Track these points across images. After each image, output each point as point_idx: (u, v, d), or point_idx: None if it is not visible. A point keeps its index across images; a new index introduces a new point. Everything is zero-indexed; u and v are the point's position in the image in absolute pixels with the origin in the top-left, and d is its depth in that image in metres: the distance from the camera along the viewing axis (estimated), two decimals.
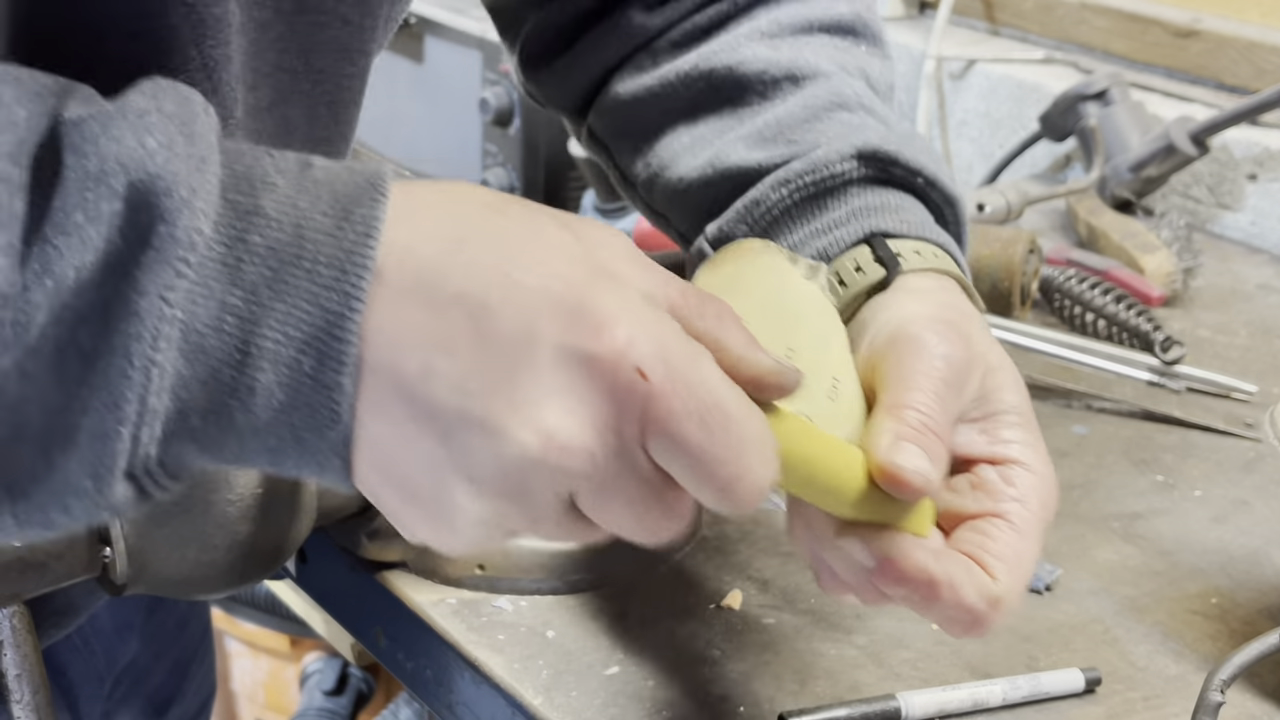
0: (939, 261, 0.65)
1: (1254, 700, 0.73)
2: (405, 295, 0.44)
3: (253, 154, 0.45)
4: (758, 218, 0.70)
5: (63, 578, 0.66)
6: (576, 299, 0.45)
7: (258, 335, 0.43)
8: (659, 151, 0.75)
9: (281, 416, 0.44)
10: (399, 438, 0.45)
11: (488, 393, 0.44)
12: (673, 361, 0.45)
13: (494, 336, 0.44)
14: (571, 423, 0.45)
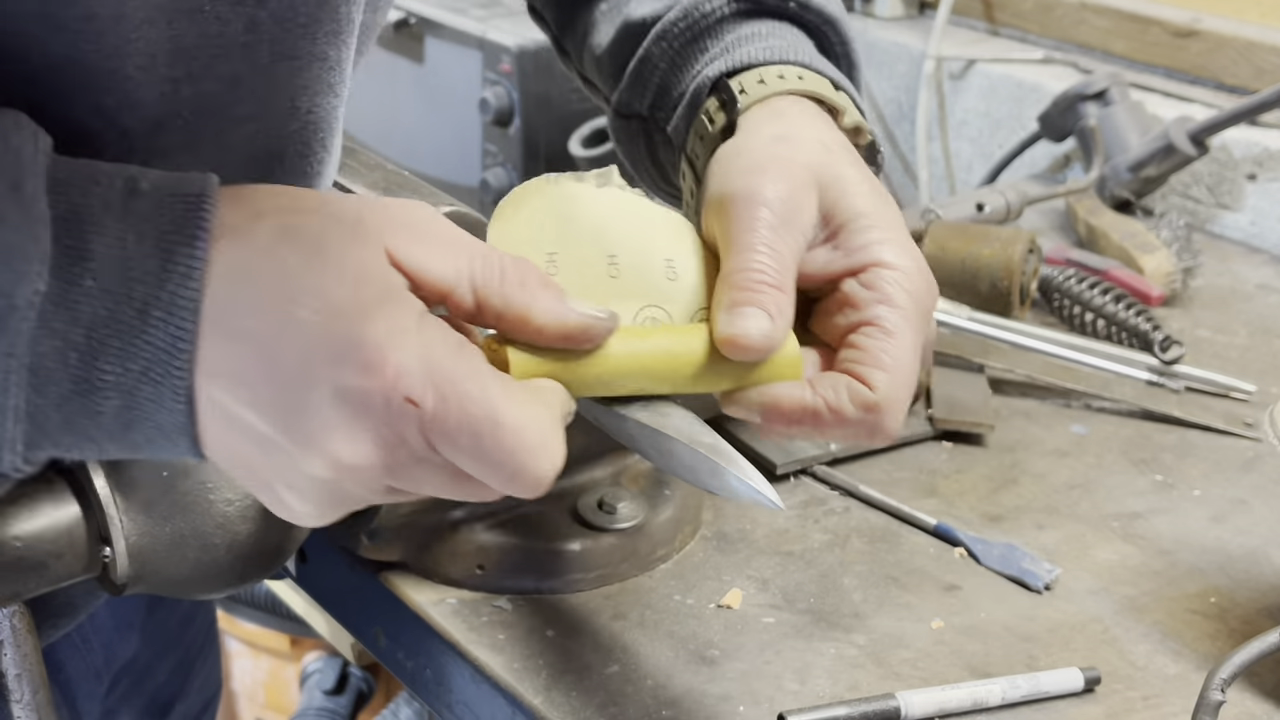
0: (797, 84, 0.66)
1: (1254, 699, 0.73)
2: (208, 327, 0.48)
3: (81, 188, 0.48)
4: (646, 77, 0.72)
5: (63, 578, 0.66)
6: (347, 336, 0.48)
7: (99, 370, 0.48)
8: (583, 20, 0.78)
9: (131, 432, 0.49)
10: (229, 445, 0.50)
11: (281, 424, 0.49)
12: (442, 385, 0.49)
13: (278, 373, 0.48)
14: (357, 449, 0.49)
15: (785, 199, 0.59)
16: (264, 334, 0.48)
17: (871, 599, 0.80)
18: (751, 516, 0.87)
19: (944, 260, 1.14)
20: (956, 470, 0.94)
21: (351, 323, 0.48)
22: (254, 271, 0.48)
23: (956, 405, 0.98)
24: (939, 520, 0.86)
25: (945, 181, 1.65)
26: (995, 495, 0.91)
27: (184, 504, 0.66)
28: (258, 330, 0.48)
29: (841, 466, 0.92)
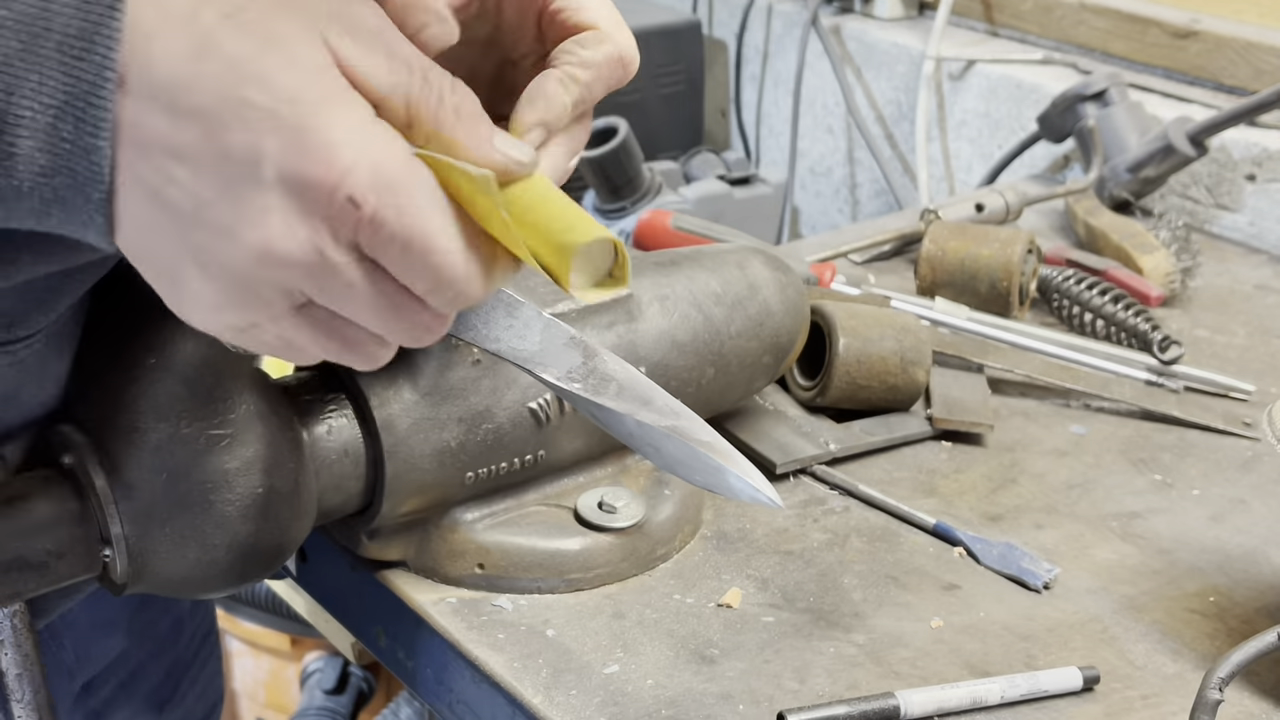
0: None
1: (1252, 698, 0.73)
2: (147, 101, 0.47)
3: None
4: None
5: (63, 577, 0.66)
6: (301, 123, 0.47)
7: (14, 105, 0.46)
8: None
9: (44, 180, 0.47)
10: (146, 220, 0.48)
11: (216, 202, 0.48)
12: (385, 192, 0.48)
13: (224, 152, 0.47)
14: (289, 238, 0.48)
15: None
16: (213, 113, 0.47)
17: (871, 598, 0.80)
18: (751, 516, 0.87)
19: (944, 260, 1.14)
20: (956, 470, 0.94)
21: (304, 112, 0.47)
22: (202, 53, 0.47)
23: (956, 405, 0.98)
24: (938, 520, 0.86)
25: (945, 182, 1.65)
26: (994, 495, 0.91)
27: (184, 504, 0.66)
28: (206, 108, 0.47)
29: (841, 466, 0.92)
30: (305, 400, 0.73)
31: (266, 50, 0.48)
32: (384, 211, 0.48)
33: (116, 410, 0.65)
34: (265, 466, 0.68)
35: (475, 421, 0.75)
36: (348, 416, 0.73)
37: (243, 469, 0.67)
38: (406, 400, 0.73)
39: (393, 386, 0.73)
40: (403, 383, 0.73)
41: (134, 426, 0.65)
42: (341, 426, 0.73)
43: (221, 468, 0.66)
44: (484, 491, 0.78)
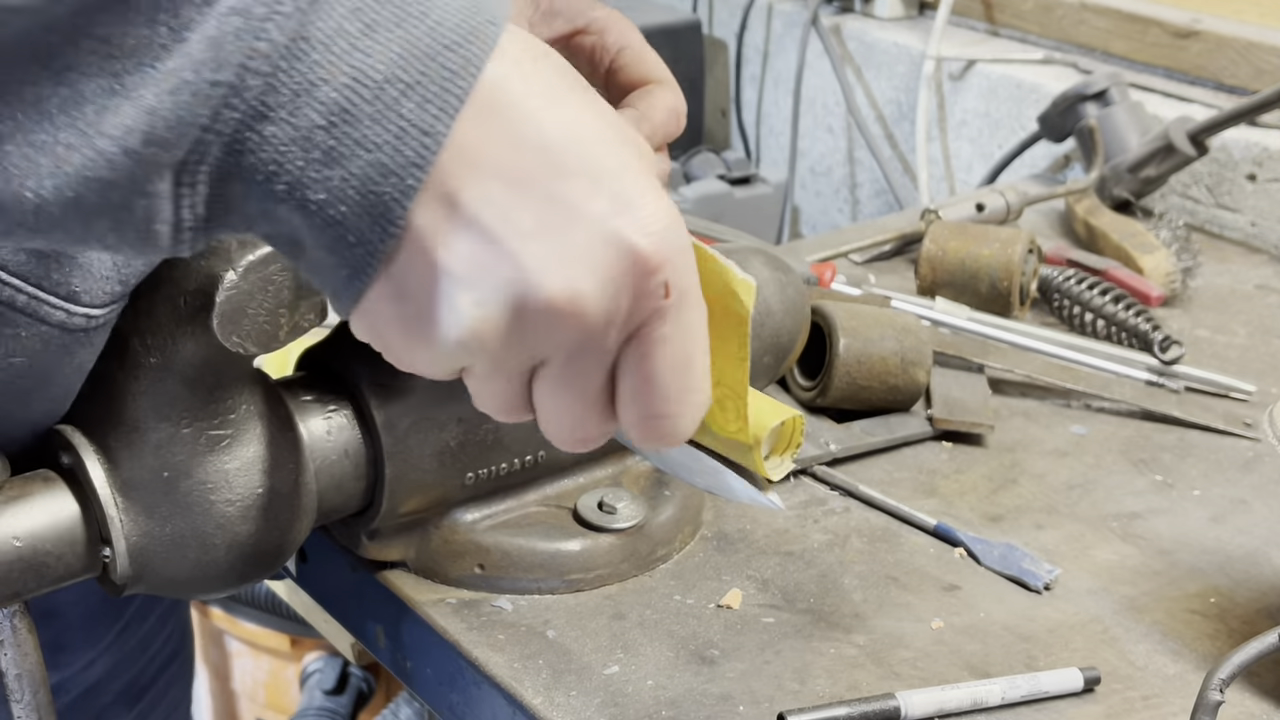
0: None
1: (1253, 699, 0.73)
2: (492, 118, 0.46)
3: None
4: None
5: (63, 578, 0.66)
6: (642, 195, 0.47)
7: (367, 68, 0.44)
8: None
9: (362, 151, 0.44)
10: (433, 233, 0.46)
11: (538, 234, 0.46)
12: (687, 300, 0.49)
13: (564, 193, 0.46)
14: (598, 292, 0.47)
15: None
16: (557, 151, 0.47)
17: (871, 599, 0.80)
18: (751, 516, 0.87)
19: (944, 260, 1.14)
20: (956, 470, 0.94)
21: (649, 189, 0.48)
22: (561, 98, 0.47)
23: (956, 405, 0.98)
24: (939, 520, 0.86)
25: (945, 181, 1.65)
26: (995, 495, 0.91)
27: (184, 504, 0.66)
28: (553, 144, 0.46)
29: (841, 466, 0.92)
30: (305, 400, 0.72)
31: (608, 120, 0.49)
32: (679, 315, 0.48)
33: (116, 410, 0.65)
34: (265, 467, 0.68)
35: (475, 421, 0.75)
36: (348, 416, 0.73)
37: (243, 469, 0.67)
38: (407, 400, 0.73)
39: (393, 386, 0.73)
40: (403, 383, 0.73)
41: (134, 426, 0.65)
42: (341, 427, 0.72)
43: (221, 468, 0.66)
44: (484, 492, 0.78)
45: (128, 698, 0.92)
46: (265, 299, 0.65)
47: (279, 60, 0.43)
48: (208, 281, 0.65)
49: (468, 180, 0.46)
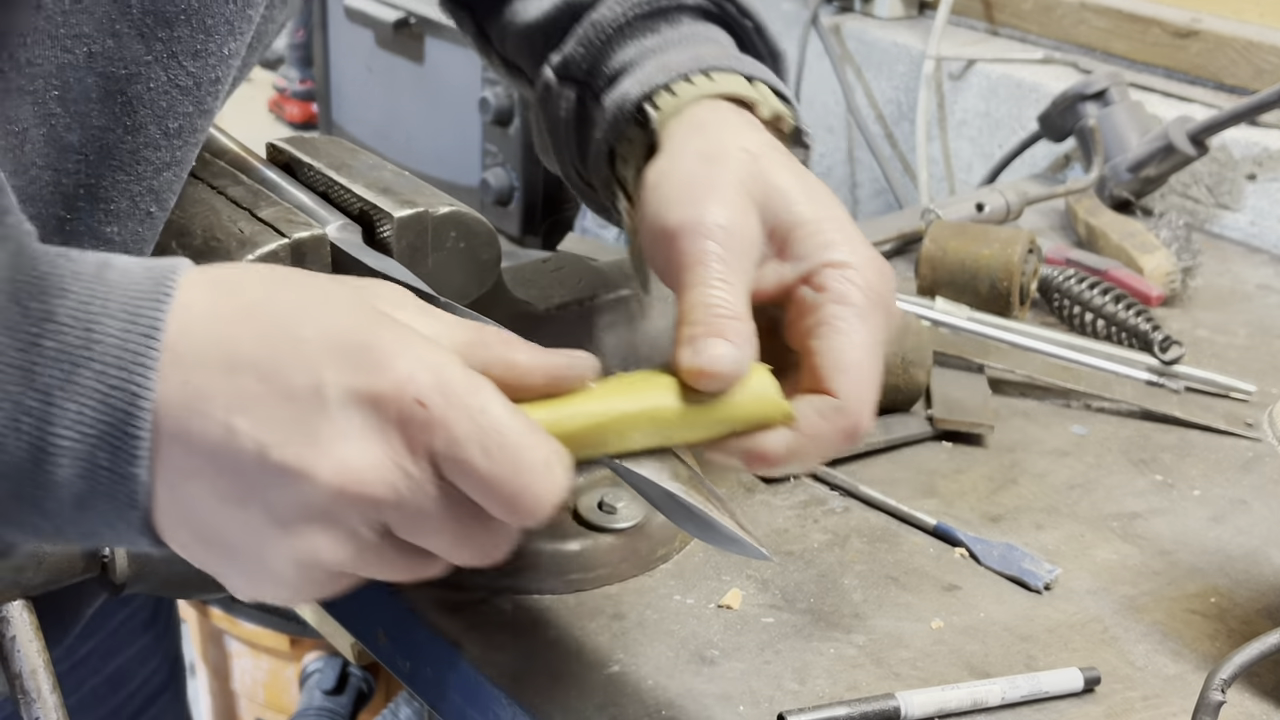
0: (709, 87, 0.66)
1: (1253, 699, 0.73)
2: (201, 365, 0.47)
3: (50, 260, 0.48)
4: (593, 38, 0.71)
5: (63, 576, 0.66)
6: (356, 341, 0.48)
7: (53, 434, 0.46)
8: (514, 6, 0.78)
9: (85, 504, 0.47)
10: (207, 497, 0.48)
11: (286, 441, 0.47)
12: (451, 391, 0.48)
13: (286, 390, 0.47)
14: (367, 457, 0.47)
15: (727, 225, 0.59)
16: (268, 358, 0.47)
17: (871, 599, 0.80)
18: (751, 517, 0.87)
19: (944, 260, 1.14)
20: (956, 470, 0.94)
21: (361, 332, 0.48)
22: (251, 312, 0.48)
23: (956, 405, 0.98)
24: (939, 520, 0.86)
25: (945, 181, 1.65)
26: (995, 495, 0.91)
27: None
28: (261, 356, 0.47)
29: (841, 466, 0.92)
30: None
31: (315, 299, 0.49)
32: (452, 411, 0.48)
33: None
34: None
35: None
36: None
37: None
38: None
39: None
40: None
41: None
42: None
43: None
44: None
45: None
46: None
47: None
48: None
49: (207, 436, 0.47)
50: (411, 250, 0.69)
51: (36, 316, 0.46)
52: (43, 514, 0.48)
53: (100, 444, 0.46)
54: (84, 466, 0.47)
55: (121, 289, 0.47)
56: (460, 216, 0.70)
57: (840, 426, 0.58)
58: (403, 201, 0.69)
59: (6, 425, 0.46)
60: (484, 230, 0.71)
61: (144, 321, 0.47)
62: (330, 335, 0.48)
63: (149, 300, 0.47)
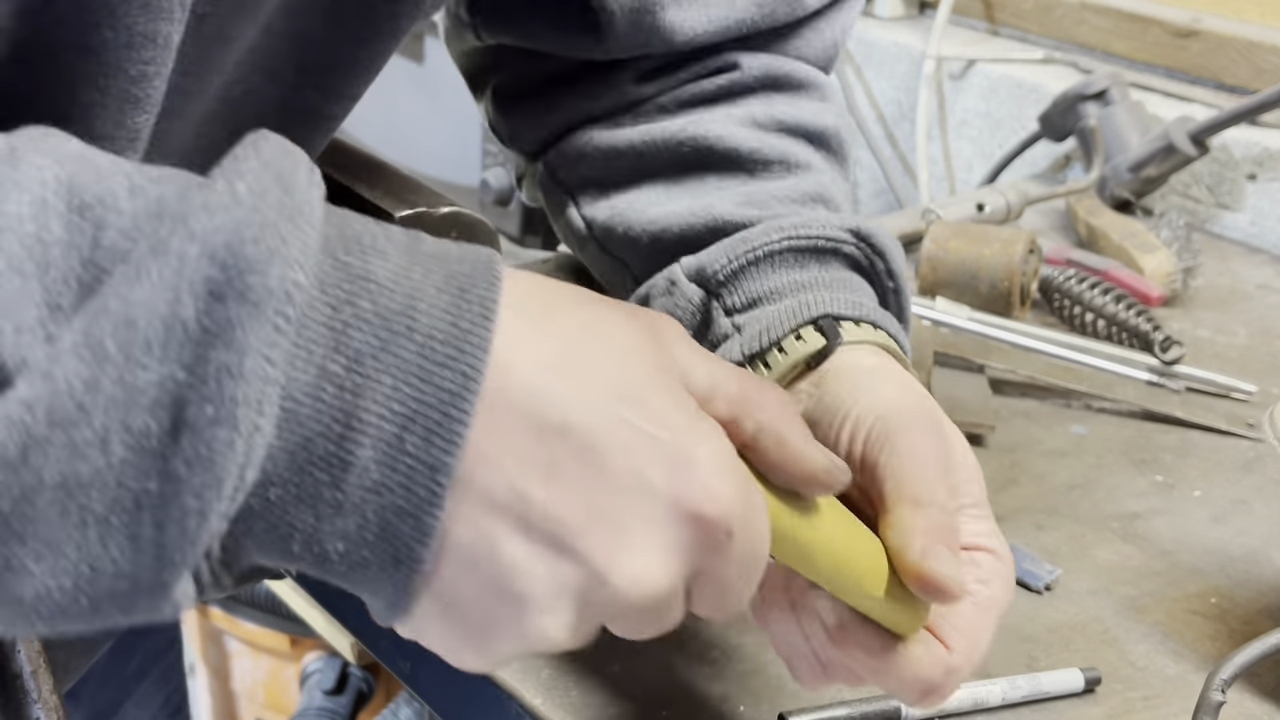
0: (872, 335, 0.66)
1: (1253, 700, 0.73)
2: (505, 414, 0.42)
3: (362, 221, 0.43)
4: (741, 253, 0.69)
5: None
6: (684, 454, 0.44)
7: (360, 408, 0.40)
8: (630, 199, 0.74)
9: (373, 496, 0.41)
10: (471, 557, 0.43)
11: (588, 529, 0.43)
12: (748, 518, 0.46)
13: (603, 476, 0.43)
14: (661, 569, 0.45)
15: (948, 463, 0.60)
16: (587, 433, 0.43)
17: None
18: None
19: (944, 260, 1.14)
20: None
21: (686, 442, 0.45)
22: (565, 362, 0.43)
23: (956, 405, 0.98)
24: None
25: (945, 181, 1.65)
26: (995, 495, 0.90)
27: None
28: (578, 426, 0.43)
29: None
30: None
31: (628, 358, 0.45)
32: (744, 539, 0.46)
33: None
34: None
35: None
36: None
37: None
38: None
39: None
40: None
41: None
42: None
43: None
44: None
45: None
46: None
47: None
48: None
49: (498, 485, 0.42)
50: None
51: (354, 273, 0.41)
52: (314, 507, 0.41)
53: (412, 424, 0.41)
54: (388, 450, 0.41)
55: (443, 261, 0.42)
56: (460, 216, 0.70)
57: (933, 679, 0.58)
58: (403, 201, 0.69)
59: (308, 392, 0.40)
60: (484, 230, 0.71)
61: (475, 300, 0.42)
62: (658, 433, 0.44)
63: (483, 280, 0.42)
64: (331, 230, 0.41)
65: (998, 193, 1.32)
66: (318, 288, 0.40)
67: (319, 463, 0.41)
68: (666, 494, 0.44)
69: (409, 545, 0.42)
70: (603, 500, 0.43)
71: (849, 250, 0.69)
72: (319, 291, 0.40)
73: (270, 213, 0.39)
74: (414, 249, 0.43)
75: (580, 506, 0.43)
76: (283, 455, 0.40)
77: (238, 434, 0.38)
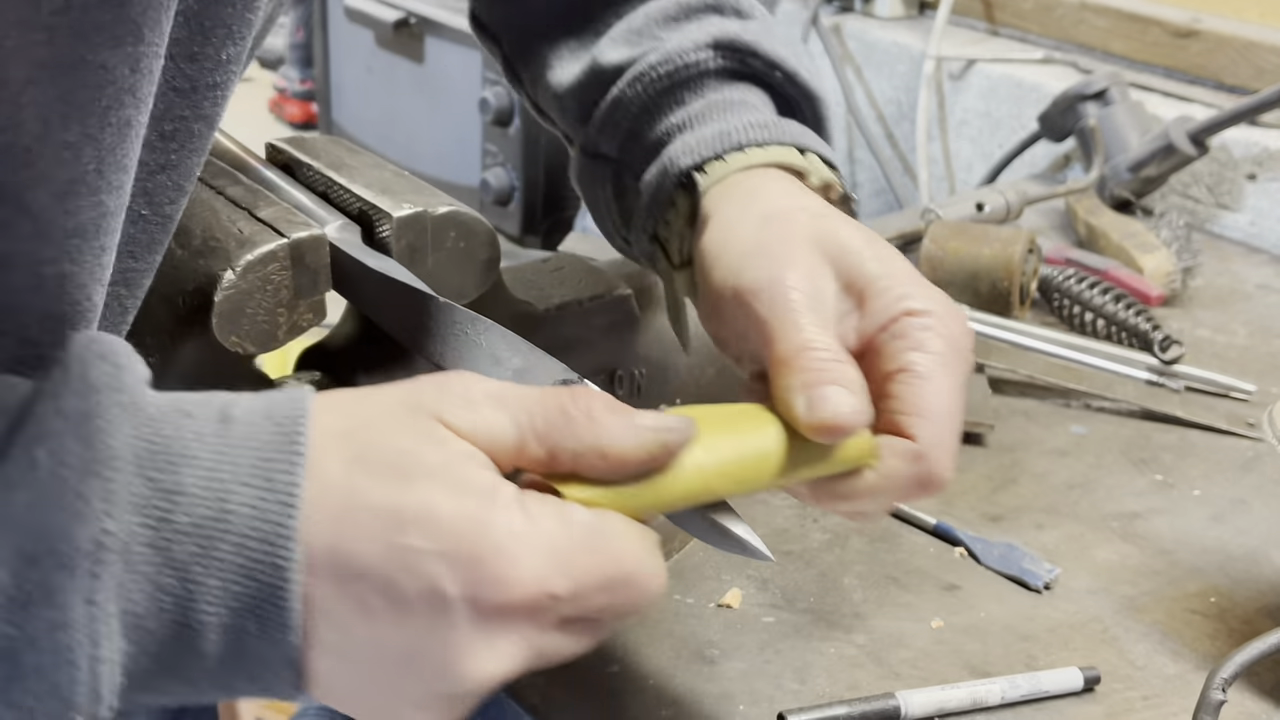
0: (760, 156, 0.66)
1: (1253, 699, 0.73)
2: (319, 578, 0.45)
3: (173, 421, 0.46)
4: (619, 120, 0.71)
5: None
6: (471, 553, 0.46)
7: (196, 611, 0.45)
8: (543, 52, 0.77)
9: (232, 665, 0.46)
10: (345, 679, 0.47)
11: (417, 653, 0.46)
12: (575, 565, 0.47)
13: (406, 605, 0.45)
14: (505, 658, 0.47)
15: (807, 281, 0.59)
16: (380, 570, 0.45)
17: (871, 599, 0.80)
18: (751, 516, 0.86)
19: (944, 260, 1.14)
20: (956, 470, 0.93)
21: (472, 538, 0.46)
22: (349, 509, 0.46)
23: None
24: (939, 520, 0.86)
25: (945, 181, 1.65)
26: (995, 495, 0.91)
27: None
28: (372, 568, 0.45)
29: None
30: None
31: (407, 484, 0.46)
32: (582, 582, 0.47)
33: None
34: None
35: None
36: None
37: None
38: None
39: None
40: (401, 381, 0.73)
41: None
42: None
43: None
44: None
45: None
46: (264, 298, 0.65)
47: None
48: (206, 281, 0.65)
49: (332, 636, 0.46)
50: (411, 250, 0.69)
51: (165, 489, 0.45)
52: (188, 682, 0.47)
53: (248, 616, 0.45)
54: (232, 638, 0.45)
55: (250, 450, 0.46)
56: (460, 216, 0.70)
57: (918, 472, 0.57)
58: (402, 201, 0.69)
59: (147, 605, 0.44)
60: (484, 230, 0.71)
61: (280, 488, 0.45)
62: (440, 545, 0.46)
63: (283, 463, 0.45)
64: (142, 446, 0.45)
65: (997, 192, 1.32)
66: (135, 513, 0.44)
67: (175, 658, 0.45)
68: (464, 601, 0.45)
69: (279, 683, 0.47)
70: (418, 624, 0.46)
71: (715, 66, 0.69)
72: (137, 517, 0.44)
73: (71, 477, 0.43)
74: (224, 438, 0.46)
75: (403, 636, 0.46)
76: (142, 657, 0.45)
77: (77, 669, 0.44)
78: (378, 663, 0.47)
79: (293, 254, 0.66)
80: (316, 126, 1.97)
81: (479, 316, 0.61)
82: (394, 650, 0.46)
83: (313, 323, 0.67)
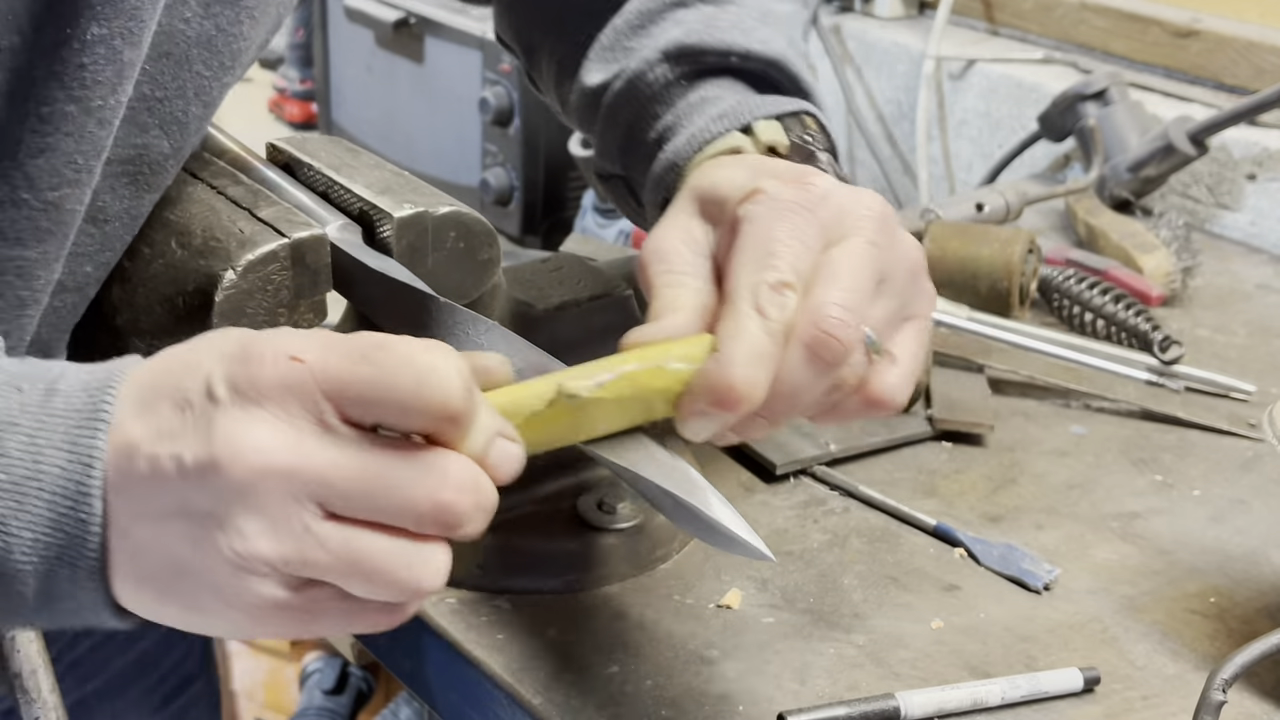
0: (715, 147, 0.70)
1: (1253, 699, 0.73)
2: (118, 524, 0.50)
3: (4, 395, 0.51)
4: (609, 144, 0.77)
5: None
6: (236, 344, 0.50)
7: (13, 560, 0.50)
8: (548, 69, 0.83)
9: (51, 605, 0.52)
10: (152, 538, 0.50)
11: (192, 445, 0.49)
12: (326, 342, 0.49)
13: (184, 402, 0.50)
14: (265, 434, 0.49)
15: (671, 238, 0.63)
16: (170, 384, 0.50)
17: (871, 599, 0.80)
18: (751, 517, 0.86)
19: (944, 260, 1.14)
20: (956, 470, 0.94)
21: (241, 338, 0.50)
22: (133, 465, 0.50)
23: (956, 405, 0.98)
24: (939, 520, 0.86)
25: (945, 181, 1.65)
26: (995, 495, 0.91)
27: None
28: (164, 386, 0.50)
29: (841, 467, 0.92)
30: None
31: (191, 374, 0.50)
32: (331, 354, 0.49)
33: None
34: None
35: None
36: None
37: None
38: None
39: None
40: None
41: None
42: None
43: None
44: None
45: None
46: (264, 298, 0.65)
47: None
48: (207, 281, 0.65)
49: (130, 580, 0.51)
50: (411, 250, 0.69)
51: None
52: (19, 617, 0.52)
53: (60, 564, 0.50)
54: (48, 583, 0.50)
55: (63, 418, 0.51)
56: (460, 216, 0.70)
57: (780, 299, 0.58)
58: (402, 201, 0.69)
59: None
60: (484, 230, 0.71)
61: (82, 451, 0.50)
62: (216, 347, 0.50)
63: (86, 429, 0.50)
64: None
65: (997, 193, 1.32)
66: None
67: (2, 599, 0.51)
68: (225, 378, 0.49)
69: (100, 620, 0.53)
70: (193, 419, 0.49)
71: (673, 76, 0.74)
72: None
73: None
74: (44, 408, 0.51)
75: (183, 435, 0.49)
76: None
77: None
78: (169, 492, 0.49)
79: (293, 254, 0.66)
80: (316, 126, 1.97)
81: (479, 316, 0.61)
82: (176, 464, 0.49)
83: (313, 323, 0.67)
